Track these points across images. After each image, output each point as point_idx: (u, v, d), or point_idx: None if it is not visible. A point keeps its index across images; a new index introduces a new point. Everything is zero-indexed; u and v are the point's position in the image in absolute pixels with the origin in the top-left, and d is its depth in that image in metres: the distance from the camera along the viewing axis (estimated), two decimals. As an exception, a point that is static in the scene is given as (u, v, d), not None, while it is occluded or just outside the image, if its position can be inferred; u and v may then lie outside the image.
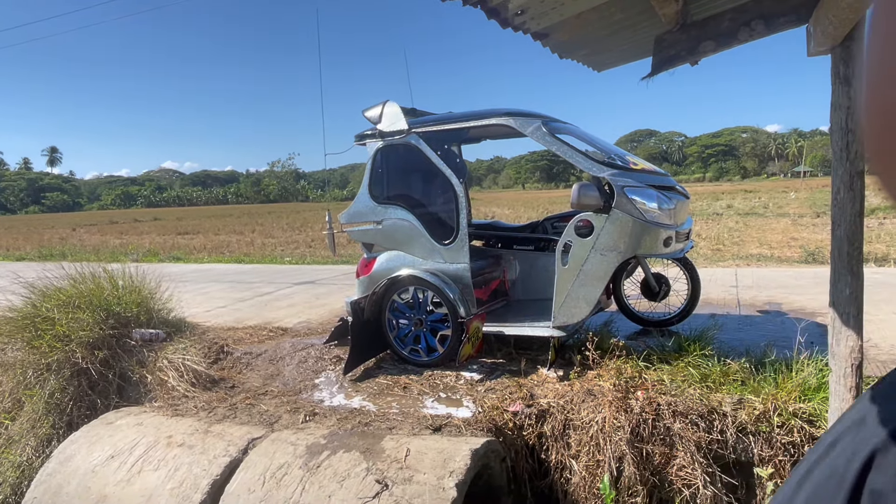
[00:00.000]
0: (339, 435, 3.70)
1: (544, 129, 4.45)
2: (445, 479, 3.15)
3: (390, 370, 4.84)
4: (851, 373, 2.15)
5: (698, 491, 3.46)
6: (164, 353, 5.07)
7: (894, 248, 10.74)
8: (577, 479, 3.73)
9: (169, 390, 4.76)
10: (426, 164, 4.81)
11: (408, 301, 4.88)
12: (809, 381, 3.63)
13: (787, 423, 3.47)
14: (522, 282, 5.69)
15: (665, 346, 4.54)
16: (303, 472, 3.35)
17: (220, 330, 6.17)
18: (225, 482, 3.48)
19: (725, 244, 12.86)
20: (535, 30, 2.29)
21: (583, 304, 4.35)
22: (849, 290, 2.16)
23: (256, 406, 4.38)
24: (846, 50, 2.06)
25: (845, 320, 2.17)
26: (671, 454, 3.59)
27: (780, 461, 3.45)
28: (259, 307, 7.51)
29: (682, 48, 2.36)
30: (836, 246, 2.17)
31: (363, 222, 5.13)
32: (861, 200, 2.12)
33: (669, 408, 3.68)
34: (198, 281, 10.27)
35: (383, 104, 4.98)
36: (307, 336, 5.86)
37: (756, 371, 3.94)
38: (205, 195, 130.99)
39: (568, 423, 3.85)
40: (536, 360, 4.66)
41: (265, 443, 3.70)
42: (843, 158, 2.08)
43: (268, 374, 5.02)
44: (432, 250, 4.79)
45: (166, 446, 3.83)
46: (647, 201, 4.22)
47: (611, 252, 4.23)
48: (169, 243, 21.41)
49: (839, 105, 2.09)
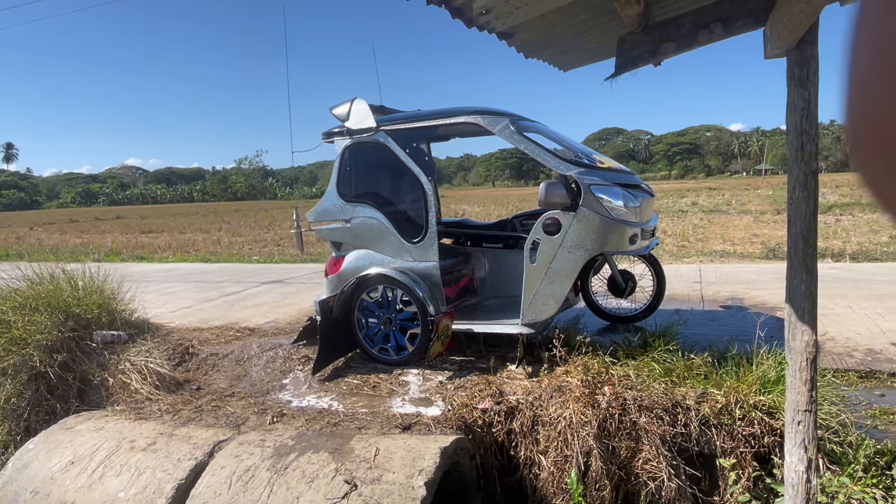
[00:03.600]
0: (308, 436, 3.67)
1: (512, 128, 4.48)
2: (415, 478, 3.15)
3: (360, 369, 4.82)
4: (807, 366, 2.22)
5: (663, 483, 3.53)
6: (126, 356, 4.95)
7: (850, 243, 11.11)
8: (545, 474, 3.77)
9: (132, 393, 4.65)
10: (395, 162, 4.79)
11: (377, 300, 4.86)
12: (769, 374, 3.73)
13: (747, 415, 3.56)
14: (492, 279, 5.72)
15: (631, 341, 4.62)
16: (270, 474, 3.31)
17: (186, 331, 6.05)
18: (190, 486, 3.42)
19: (690, 241, 13.12)
20: (500, 29, 2.30)
21: (551, 301, 4.40)
22: (804, 286, 2.23)
23: (223, 408, 4.31)
24: (801, 53, 2.12)
25: (800, 316, 2.24)
26: (637, 448, 3.65)
27: (741, 452, 3.54)
28: (226, 307, 7.38)
29: (644, 49, 2.40)
30: (792, 244, 2.24)
31: (331, 221, 5.09)
32: (815, 199, 2.19)
33: (635, 402, 3.74)
34: (162, 281, 10.05)
35: (351, 101, 4.94)
36: (275, 336, 5.79)
37: (718, 365, 4.03)
38: (170, 193, 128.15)
39: (536, 420, 3.88)
40: (506, 357, 4.69)
41: (232, 445, 3.65)
42: (798, 159, 2.15)
43: (234, 375, 4.95)
44: (401, 249, 4.78)
45: (129, 451, 3.74)
46: (613, 199, 4.28)
47: (578, 249, 4.28)
48: (132, 242, 20.89)
49: (794, 106, 2.16)
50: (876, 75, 0.32)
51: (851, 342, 4.74)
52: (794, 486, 2.38)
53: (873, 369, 4.18)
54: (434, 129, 4.83)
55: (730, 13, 2.24)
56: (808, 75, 2.11)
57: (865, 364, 4.27)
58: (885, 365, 4.23)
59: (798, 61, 2.12)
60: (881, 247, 10.52)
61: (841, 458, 3.30)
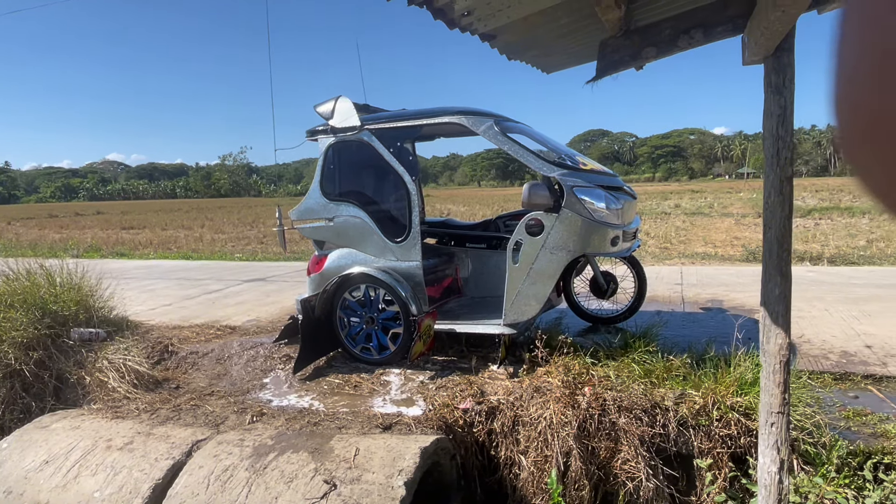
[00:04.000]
0: (287, 435, 3.65)
1: (496, 129, 4.49)
2: (394, 478, 3.15)
3: (341, 369, 4.80)
4: (780, 369, 2.26)
5: (641, 483, 3.56)
6: (104, 354, 4.89)
7: (828, 247, 11.29)
8: (525, 474, 3.78)
9: (109, 392, 4.59)
10: (379, 161, 4.78)
11: (359, 299, 4.85)
12: (746, 375, 3.78)
13: (724, 416, 3.60)
14: (475, 279, 5.73)
15: (612, 342, 4.65)
16: (249, 474, 3.29)
17: (165, 329, 5.98)
18: (167, 486, 3.38)
19: (673, 243, 13.25)
20: (482, 31, 2.30)
21: (533, 301, 4.42)
22: (778, 290, 2.27)
23: (202, 407, 4.27)
24: (777, 60, 2.15)
25: (775, 319, 2.27)
26: (616, 448, 3.68)
27: (718, 453, 3.58)
28: (207, 305, 7.32)
29: (625, 53, 2.42)
30: (767, 248, 2.27)
31: (314, 219, 5.07)
32: (790, 204, 2.22)
33: (615, 403, 3.77)
34: (143, 278, 9.93)
35: (335, 100, 4.92)
36: (256, 335, 5.75)
37: (697, 366, 4.08)
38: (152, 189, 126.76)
39: (517, 420, 3.90)
40: (487, 357, 4.71)
41: (210, 445, 3.61)
42: (773, 164, 2.18)
43: (214, 374, 4.90)
44: (384, 248, 4.77)
45: (105, 450, 3.69)
46: (595, 201, 4.30)
47: (560, 251, 4.30)
48: (112, 238, 20.62)
49: (771, 112, 2.19)
50: (864, 71, 0.32)
51: (827, 344, 4.81)
52: (766, 486, 2.42)
53: (848, 371, 4.25)
54: (418, 129, 4.82)
55: (709, 19, 2.27)
56: (784, 82, 2.14)
57: (840, 366, 4.35)
58: (860, 367, 4.30)
59: (775, 68, 2.15)
60: (858, 251, 10.71)
61: (815, 458, 3.35)
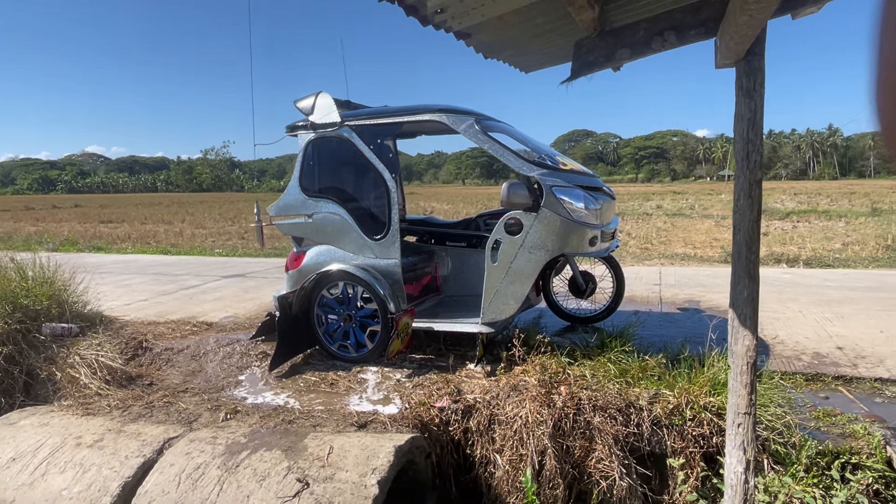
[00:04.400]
0: (261, 433, 3.61)
1: (477, 127, 4.48)
2: (368, 477, 3.14)
3: (318, 366, 4.77)
4: (747, 370, 2.28)
5: (615, 482, 3.58)
6: (76, 349, 4.81)
7: (805, 249, 11.46)
8: (500, 472, 3.79)
9: (80, 388, 4.51)
10: (358, 157, 4.75)
11: (337, 296, 4.82)
12: (719, 376, 3.82)
13: (697, 415, 3.64)
14: (454, 278, 5.73)
15: (588, 342, 4.68)
16: (221, 472, 3.25)
17: (140, 324, 5.90)
18: (137, 484, 3.33)
19: (653, 243, 13.36)
20: (456, 29, 2.29)
21: (511, 301, 4.42)
22: (746, 292, 2.29)
23: (175, 404, 4.21)
24: (748, 64, 2.17)
25: (742, 321, 2.30)
26: (590, 447, 3.70)
27: (690, 452, 3.62)
28: (184, 301, 7.23)
29: (600, 54, 2.42)
30: (736, 250, 2.29)
31: (293, 215, 5.03)
32: (758, 207, 2.24)
33: (590, 402, 3.79)
34: (119, 272, 9.79)
35: (316, 95, 4.88)
36: (233, 331, 5.69)
37: (672, 366, 4.11)
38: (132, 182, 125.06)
39: (493, 419, 3.90)
40: (465, 356, 4.71)
41: (182, 442, 3.57)
42: (743, 167, 2.20)
43: (189, 370, 4.84)
44: (363, 245, 4.75)
45: (74, 447, 3.63)
46: (574, 201, 4.32)
47: (539, 250, 4.31)
48: (90, 232, 20.28)
49: (741, 116, 2.21)
50: None
51: (800, 346, 4.88)
52: (733, 486, 2.45)
53: (819, 372, 4.32)
54: (399, 126, 4.80)
55: (682, 22, 2.28)
56: (754, 86, 2.16)
57: (812, 367, 4.41)
58: (831, 368, 4.37)
59: (746, 72, 2.17)
60: (833, 253, 10.89)
61: (784, 458, 3.40)
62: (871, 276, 8.02)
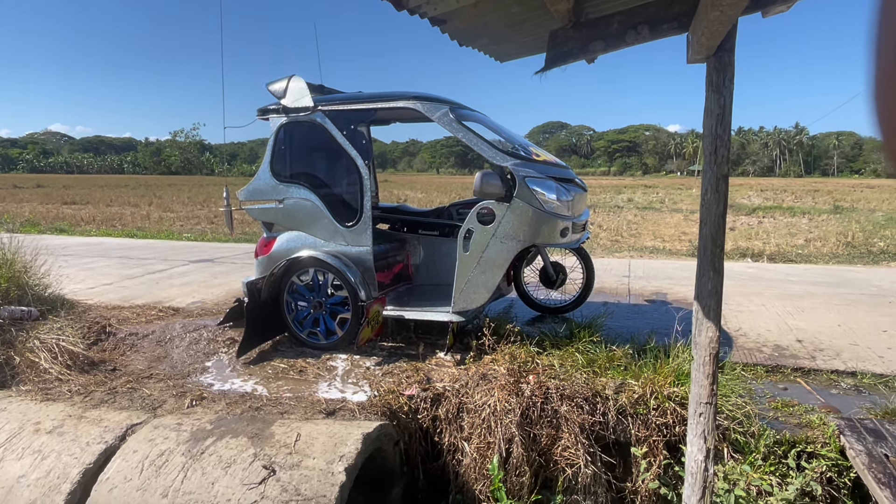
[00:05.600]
0: (227, 420, 3.57)
1: (451, 116, 4.47)
2: (335, 464, 3.13)
3: (287, 353, 4.73)
4: (709, 361, 2.34)
5: (580, 470, 3.64)
6: (35, 333, 4.67)
7: (769, 244, 11.75)
8: (468, 460, 3.82)
9: (40, 373, 4.39)
10: (331, 143, 4.70)
11: (307, 283, 4.78)
12: (683, 366, 3.90)
13: (661, 405, 3.71)
14: (426, 267, 5.72)
15: (557, 332, 4.73)
16: (185, 459, 3.21)
17: (104, 309, 5.76)
18: (99, 471, 3.26)
19: (623, 236, 13.55)
20: (431, 14, 2.27)
21: (482, 290, 4.44)
22: (710, 284, 2.34)
23: (139, 390, 4.14)
24: (719, 60, 2.21)
25: (706, 313, 2.35)
26: (557, 435, 3.75)
27: (653, 441, 3.70)
28: (149, 285, 7.08)
29: (574, 46, 2.43)
30: (702, 244, 2.34)
31: (264, 200, 4.95)
32: (724, 202, 2.29)
33: (557, 391, 3.83)
34: (83, 255, 9.54)
35: (289, 79, 4.80)
36: (201, 317, 5.61)
37: (638, 357, 4.19)
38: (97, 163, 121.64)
39: (462, 407, 3.92)
40: (435, 344, 4.72)
41: (146, 429, 3.51)
42: (711, 162, 2.24)
43: (154, 356, 4.76)
44: (335, 232, 4.71)
45: (33, 433, 3.53)
46: (546, 192, 4.35)
47: (510, 240, 4.33)
48: (53, 213, 19.71)
49: (711, 111, 2.24)
50: None
51: (762, 338, 5.02)
52: (693, 474, 2.51)
53: (779, 364, 4.45)
54: (373, 112, 4.76)
55: (656, 16, 2.30)
56: (724, 82, 2.20)
57: (773, 359, 4.54)
58: (790, 360, 4.50)
59: (716, 68, 2.21)
60: (796, 249, 11.19)
61: (744, 447, 3.50)
62: (831, 271, 8.26)
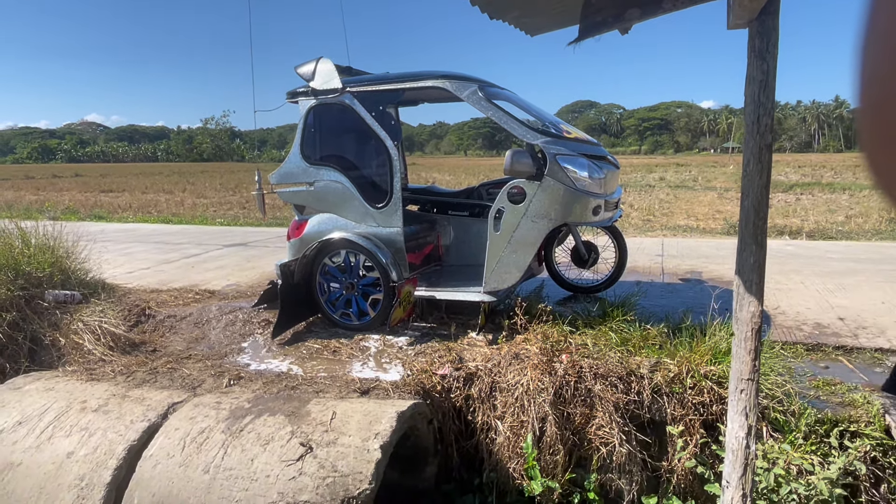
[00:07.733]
0: (264, 399, 3.64)
1: (480, 94, 4.42)
2: (370, 441, 3.17)
3: (320, 334, 4.79)
4: (751, 336, 2.28)
5: (615, 448, 3.63)
6: (79, 316, 4.83)
7: (808, 222, 11.42)
8: (501, 439, 3.83)
9: (84, 354, 4.55)
10: (360, 124, 4.69)
11: (339, 264, 4.81)
12: (720, 345, 3.83)
13: (698, 384, 3.66)
14: (456, 247, 5.71)
15: (590, 311, 4.68)
16: (225, 437, 3.29)
17: (143, 292, 5.91)
18: (143, 447, 3.37)
19: (656, 215, 13.32)
20: (461, -15, 2.23)
21: (513, 269, 4.42)
22: (753, 258, 2.27)
23: (179, 370, 4.24)
24: (761, 24, 2.12)
25: (748, 287, 2.28)
26: (591, 414, 3.74)
27: (690, 420, 3.65)
28: (185, 269, 7.23)
29: (608, 14, 2.36)
30: (744, 216, 2.27)
31: (294, 183, 4.99)
32: (768, 173, 2.21)
33: (591, 370, 3.81)
34: (121, 241, 9.78)
35: (317, 61, 4.80)
36: (236, 299, 5.71)
37: (673, 336, 4.13)
38: (132, 151, 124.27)
39: (494, 386, 3.93)
40: (467, 324, 4.72)
41: (186, 407, 3.60)
42: (753, 131, 2.16)
43: (192, 337, 4.87)
44: (365, 213, 4.72)
45: (80, 411, 3.66)
46: (578, 170, 4.28)
47: (542, 219, 4.29)
48: (91, 201, 20.24)
49: (753, 78, 2.16)
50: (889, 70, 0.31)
51: (801, 316, 4.89)
52: (734, 451, 2.47)
53: (820, 342, 4.33)
54: (401, 93, 4.73)
55: (695, -20, 2.22)
56: (767, 47, 2.11)
57: (813, 337, 4.42)
58: (831, 339, 4.38)
59: (759, 32, 2.12)
60: (836, 226, 10.85)
61: (783, 426, 3.43)
62: (874, 248, 7.99)
